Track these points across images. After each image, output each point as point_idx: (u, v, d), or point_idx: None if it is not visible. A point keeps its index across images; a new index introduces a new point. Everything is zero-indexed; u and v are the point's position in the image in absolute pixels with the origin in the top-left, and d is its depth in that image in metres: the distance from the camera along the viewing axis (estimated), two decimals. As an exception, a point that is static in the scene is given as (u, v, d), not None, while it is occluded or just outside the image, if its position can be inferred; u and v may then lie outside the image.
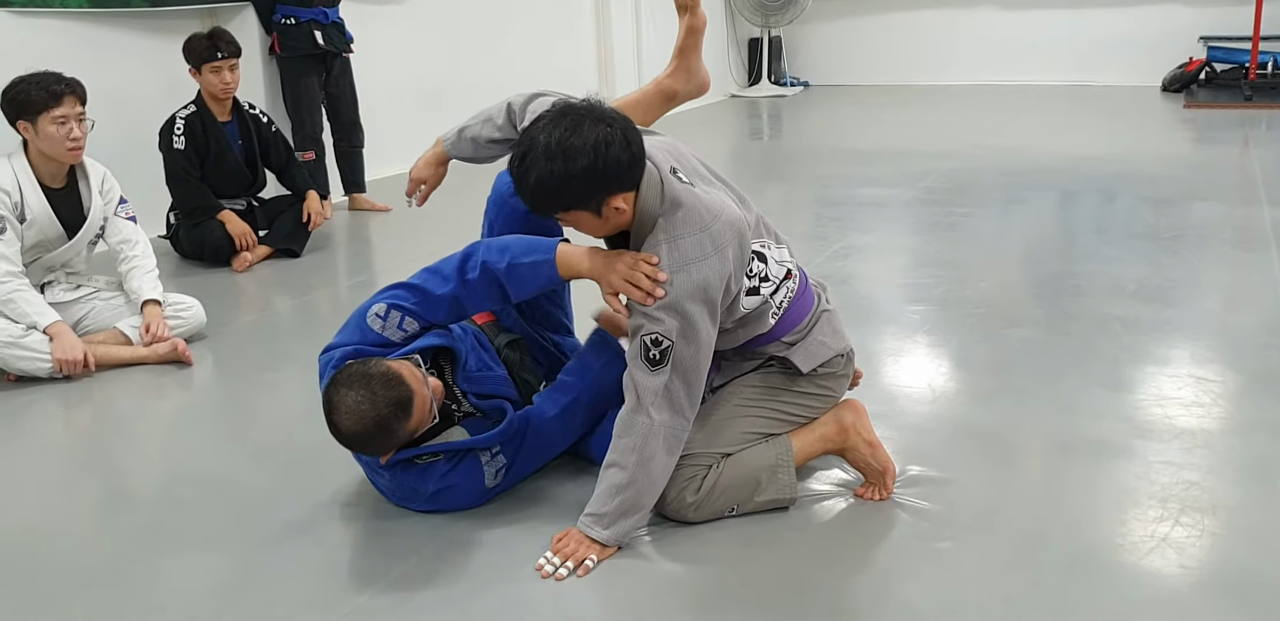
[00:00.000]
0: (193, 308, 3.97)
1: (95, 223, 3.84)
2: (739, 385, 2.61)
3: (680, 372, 2.32)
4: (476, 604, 2.23)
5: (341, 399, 2.30)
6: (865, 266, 4.68)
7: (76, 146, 3.69)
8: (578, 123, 2.22)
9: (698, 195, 2.35)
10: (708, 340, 2.34)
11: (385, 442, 2.38)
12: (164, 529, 2.62)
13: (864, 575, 2.33)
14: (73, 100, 3.66)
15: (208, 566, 2.42)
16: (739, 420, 2.56)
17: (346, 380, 2.33)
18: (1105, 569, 2.27)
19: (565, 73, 8.86)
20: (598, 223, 2.31)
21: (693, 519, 2.49)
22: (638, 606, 2.22)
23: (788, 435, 2.60)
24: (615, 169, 2.22)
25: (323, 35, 5.87)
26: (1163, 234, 4.99)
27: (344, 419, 2.31)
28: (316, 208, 5.26)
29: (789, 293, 2.53)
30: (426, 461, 2.52)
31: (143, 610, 2.26)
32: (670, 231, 2.30)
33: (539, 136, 2.22)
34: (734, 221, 2.35)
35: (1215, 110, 9.16)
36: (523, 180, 2.25)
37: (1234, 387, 3.19)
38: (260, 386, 3.61)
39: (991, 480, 2.69)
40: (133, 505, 2.82)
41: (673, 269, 2.27)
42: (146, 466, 3.12)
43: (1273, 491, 2.58)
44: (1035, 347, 3.60)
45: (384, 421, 2.30)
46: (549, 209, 2.30)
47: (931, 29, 11.48)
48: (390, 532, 2.53)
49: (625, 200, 2.28)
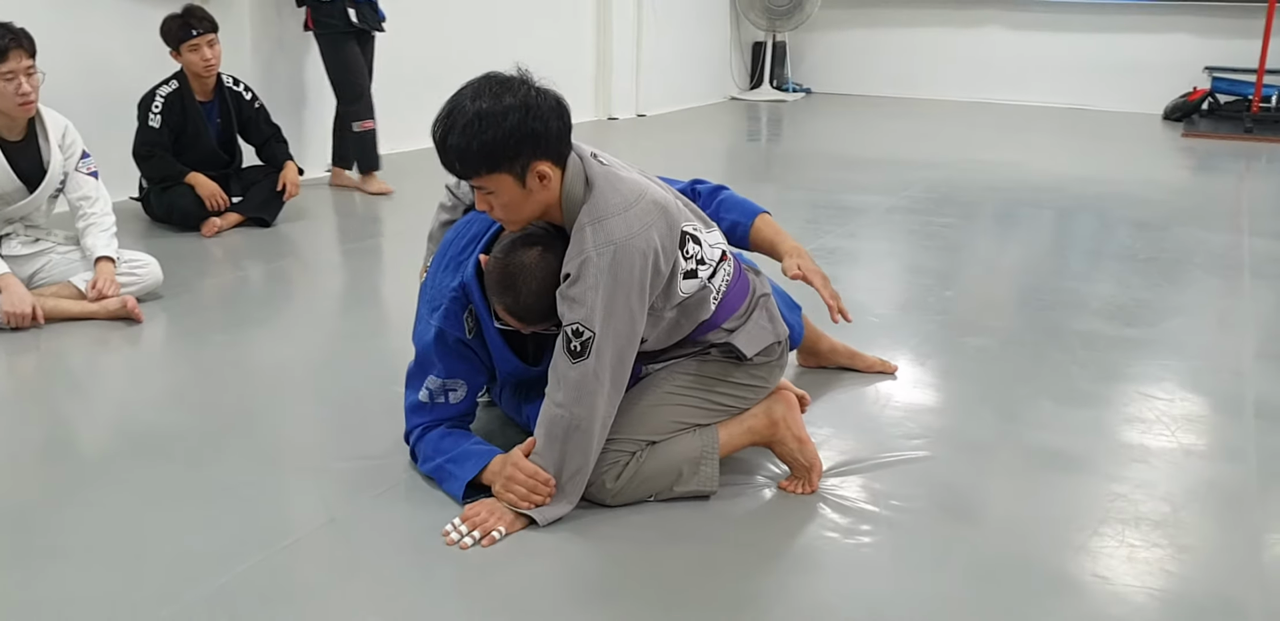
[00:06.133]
0: (148, 265, 3.94)
1: (55, 177, 3.81)
2: (672, 371, 2.57)
3: (604, 363, 2.28)
4: (370, 573, 2.20)
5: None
6: (832, 269, 4.59)
7: (26, 101, 3.63)
8: (507, 83, 2.20)
9: (620, 176, 2.33)
10: (633, 325, 2.30)
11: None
12: (83, 476, 2.61)
13: (775, 566, 2.30)
14: (19, 54, 3.58)
15: (121, 515, 2.41)
16: (668, 408, 2.52)
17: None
18: (1019, 574, 2.24)
19: (562, 53, 8.86)
20: (520, 194, 2.25)
21: (610, 503, 2.46)
22: (532, 587, 2.17)
23: (715, 426, 2.56)
24: (543, 126, 2.19)
25: (356, 13, 5.87)
26: (1138, 255, 4.97)
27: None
28: (293, 178, 5.24)
29: (726, 275, 2.50)
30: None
31: (48, 553, 2.24)
32: (594, 213, 2.26)
33: (466, 91, 2.20)
34: (659, 200, 2.33)
35: (1215, 141, 9.11)
36: (449, 132, 2.19)
37: (1182, 407, 3.16)
38: (208, 346, 3.58)
39: (921, 482, 2.66)
40: (59, 451, 2.82)
41: (599, 250, 2.23)
42: (81, 416, 3.11)
43: (1193, 509, 2.55)
44: (988, 357, 3.57)
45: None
46: (472, 165, 2.21)
47: (937, 45, 11.46)
48: (307, 491, 2.53)
49: (551, 171, 2.24)
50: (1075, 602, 2.15)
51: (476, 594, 2.14)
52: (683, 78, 10.71)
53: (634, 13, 9.77)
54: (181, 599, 2.08)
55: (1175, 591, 2.20)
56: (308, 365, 3.43)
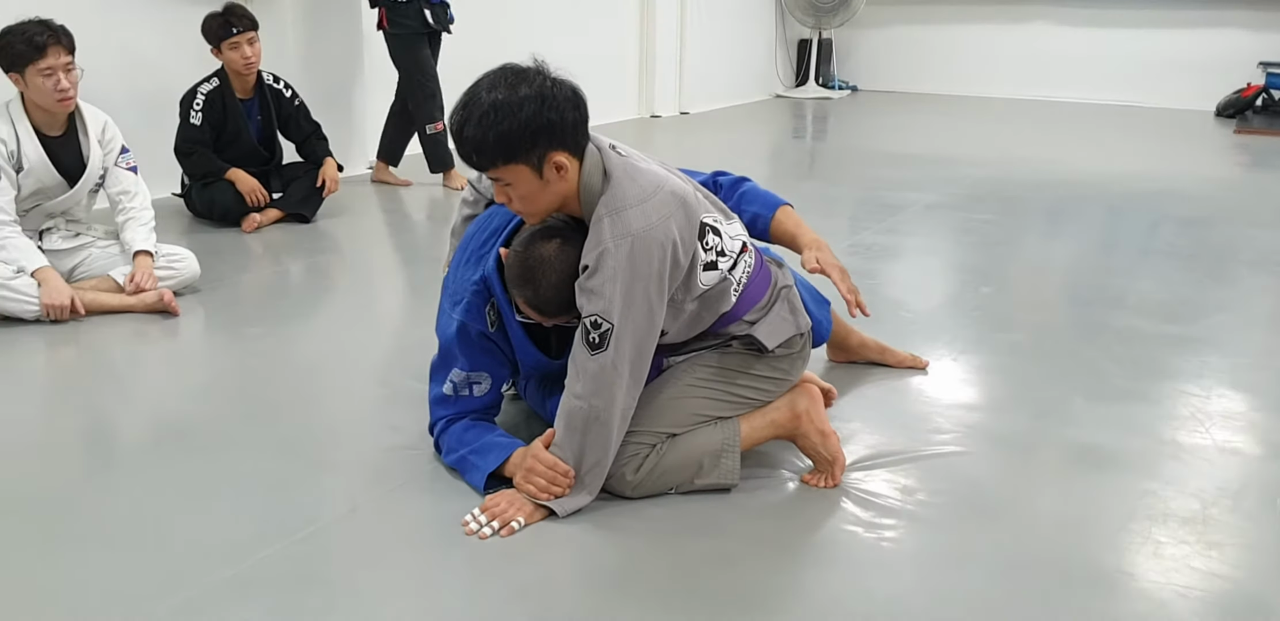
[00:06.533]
0: (186, 259, 3.98)
1: (95, 172, 3.86)
2: (693, 363, 2.55)
3: (622, 355, 2.27)
4: (388, 562, 2.21)
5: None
6: (869, 265, 4.61)
7: (65, 97, 3.67)
8: (523, 73, 2.20)
9: (638, 167, 2.31)
10: (651, 317, 2.28)
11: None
12: (110, 464, 2.66)
13: (793, 561, 2.29)
14: (58, 51, 3.61)
15: (145, 502, 2.44)
16: (689, 400, 2.51)
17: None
18: (1042, 571, 2.21)
19: (606, 51, 8.86)
20: (537, 185, 2.23)
21: (630, 496, 2.46)
22: (550, 578, 2.18)
23: (737, 418, 2.55)
24: (559, 117, 2.18)
25: (431, 14, 5.94)
26: (1181, 251, 4.89)
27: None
28: (333, 174, 5.28)
29: (747, 267, 2.48)
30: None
31: (70, 538, 2.27)
32: (611, 204, 2.24)
33: (483, 82, 2.20)
34: (677, 191, 2.31)
35: (1269, 137, 8.96)
36: (465, 124, 2.18)
37: (1218, 404, 3.10)
38: (242, 339, 3.62)
39: (947, 477, 2.63)
40: (89, 439, 2.86)
41: (616, 242, 2.22)
42: (112, 405, 3.14)
43: (1223, 506, 2.50)
44: (1022, 353, 3.53)
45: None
46: (489, 156, 2.20)
47: (985, 41, 11.37)
48: (331, 481, 2.54)
49: (568, 162, 2.23)
50: (1099, 599, 2.11)
51: (494, 584, 2.14)
52: (727, 75, 10.68)
53: (677, 10, 9.75)
54: (197, 585, 2.09)
55: (1201, 588, 2.15)
56: (339, 358, 3.45)
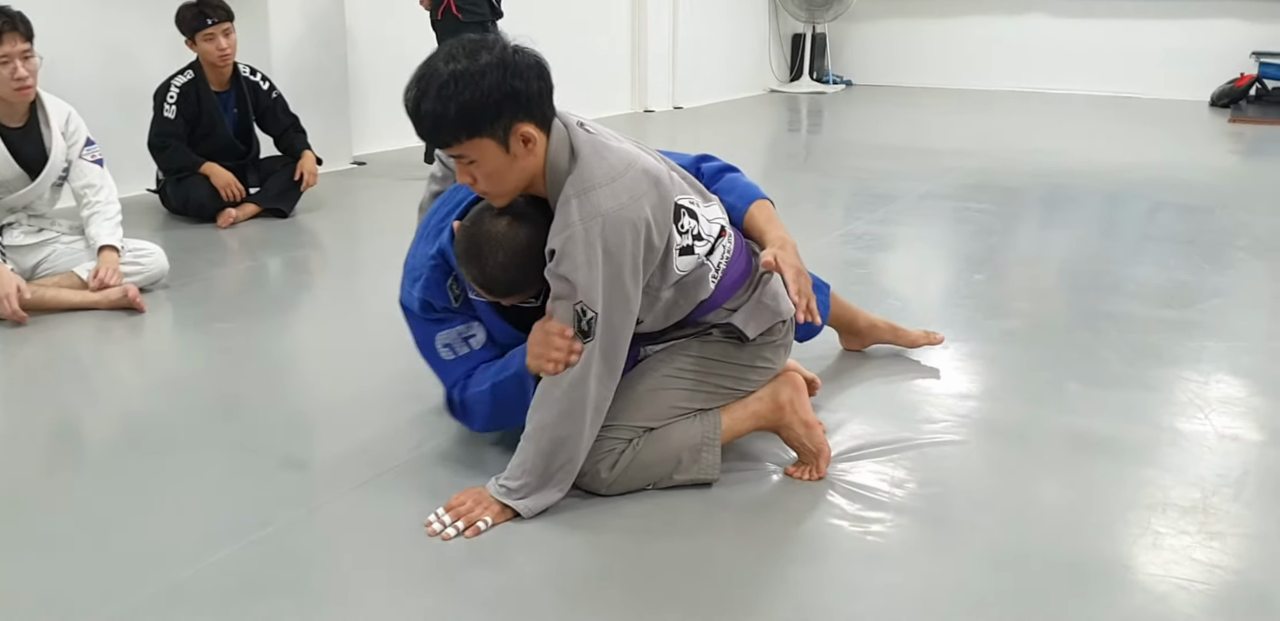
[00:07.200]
0: (153, 254, 3.86)
1: (58, 164, 3.73)
2: (672, 353, 2.43)
3: (600, 340, 2.15)
4: (341, 566, 2.10)
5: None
6: (860, 255, 4.50)
7: (23, 86, 3.53)
8: (480, 41, 2.05)
9: (607, 145, 2.18)
10: (627, 303, 2.16)
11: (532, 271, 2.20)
12: (61, 465, 2.56)
13: (776, 557, 2.17)
14: (14, 38, 3.47)
15: (95, 504, 2.33)
16: (667, 392, 2.39)
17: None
18: (1036, 564, 2.10)
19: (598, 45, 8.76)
20: (504, 160, 2.08)
21: (605, 494, 2.34)
22: (515, 582, 2.05)
23: (718, 410, 2.43)
24: (524, 85, 2.04)
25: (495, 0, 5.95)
26: (1177, 237, 4.79)
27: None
28: (311, 168, 5.16)
29: (725, 252, 2.36)
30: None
31: (15, 543, 2.16)
32: (579, 184, 2.11)
33: (439, 54, 2.06)
34: (650, 169, 2.18)
35: (1262, 126, 8.89)
36: (422, 97, 2.03)
37: (1217, 390, 3.00)
38: (210, 335, 3.50)
39: (937, 467, 2.52)
40: (41, 440, 2.74)
41: (586, 223, 2.08)
42: (69, 405, 3.01)
43: (1224, 495, 2.39)
44: (1015, 340, 3.42)
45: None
46: (451, 131, 2.05)
47: (979, 34, 11.28)
48: (288, 481, 2.42)
49: (536, 134, 2.09)
50: (1097, 594, 2.01)
51: (454, 588, 2.01)
52: (720, 70, 10.57)
53: (671, 4, 9.65)
54: (138, 593, 1.97)
55: (1203, 581, 2.04)
56: (309, 355, 3.35)
